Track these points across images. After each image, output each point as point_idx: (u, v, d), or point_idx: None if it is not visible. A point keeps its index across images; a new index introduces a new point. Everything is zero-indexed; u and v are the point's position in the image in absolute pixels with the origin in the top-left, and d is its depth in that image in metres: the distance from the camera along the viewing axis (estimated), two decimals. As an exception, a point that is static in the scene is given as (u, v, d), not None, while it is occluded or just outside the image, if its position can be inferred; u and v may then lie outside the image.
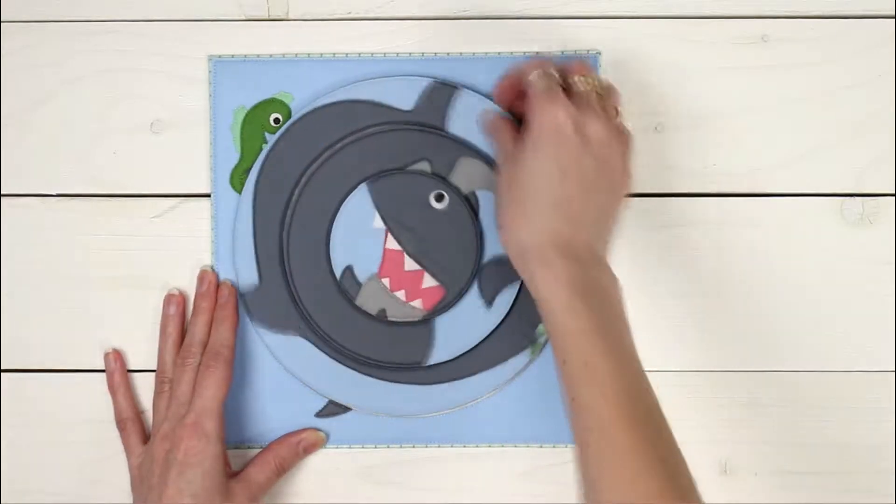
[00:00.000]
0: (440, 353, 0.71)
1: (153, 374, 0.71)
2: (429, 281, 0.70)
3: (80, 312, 0.72)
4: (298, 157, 0.71)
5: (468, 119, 0.71)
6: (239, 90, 0.72)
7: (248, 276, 0.71)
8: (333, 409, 0.72)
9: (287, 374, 0.71)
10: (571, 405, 0.60)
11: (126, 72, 0.72)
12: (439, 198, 0.70)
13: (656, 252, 0.72)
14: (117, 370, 0.71)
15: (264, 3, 0.72)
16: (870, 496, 0.71)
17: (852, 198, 0.72)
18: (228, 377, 0.68)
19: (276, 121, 0.72)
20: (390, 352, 0.71)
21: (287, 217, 0.71)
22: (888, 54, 0.72)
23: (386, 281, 0.70)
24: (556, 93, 0.64)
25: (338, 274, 0.70)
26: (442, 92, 0.71)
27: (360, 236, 0.70)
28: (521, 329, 0.71)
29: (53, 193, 0.72)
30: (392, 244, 0.70)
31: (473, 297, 0.71)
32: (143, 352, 0.72)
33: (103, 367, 0.72)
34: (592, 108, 0.64)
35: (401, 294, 0.70)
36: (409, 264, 0.70)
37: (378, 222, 0.70)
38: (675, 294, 0.72)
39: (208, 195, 0.72)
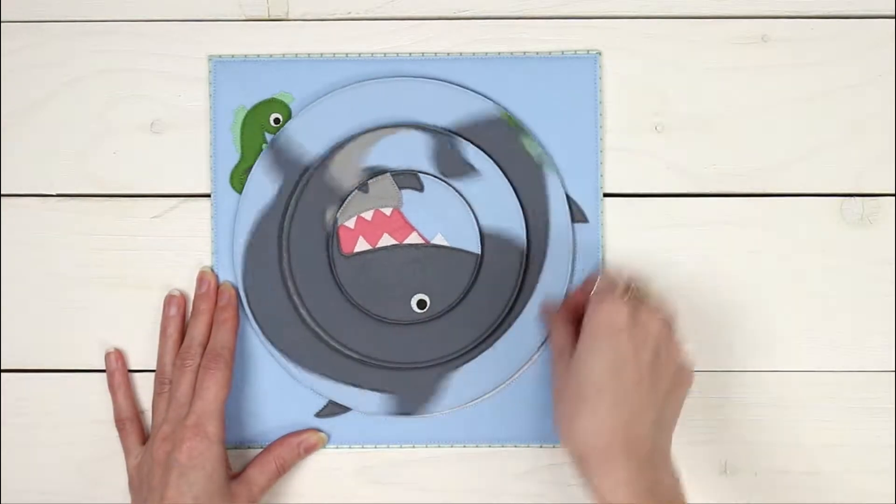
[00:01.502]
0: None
1: (153, 374, 0.71)
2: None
3: (80, 312, 0.72)
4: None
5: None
6: (239, 90, 0.72)
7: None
8: (333, 409, 0.72)
9: (287, 374, 0.71)
10: None
11: (126, 72, 0.72)
12: (421, 305, 0.71)
13: (656, 252, 0.72)
14: (118, 370, 0.71)
15: (264, 3, 0.72)
16: (870, 496, 0.71)
17: (852, 198, 0.72)
18: (229, 379, 0.68)
19: (276, 121, 0.72)
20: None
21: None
22: (888, 54, 0.72)
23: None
24: (612, 292, 0.64)
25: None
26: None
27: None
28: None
29: (53, 193, 0.72)
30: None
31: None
32: (142, 352, 0.72)
33: (103, 367, 0.72)
34: (646, 305, 0.65)
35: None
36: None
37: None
38: (675, 294, 0.72)
39: (208, 195, 0.72)
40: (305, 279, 0.71)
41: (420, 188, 0.71)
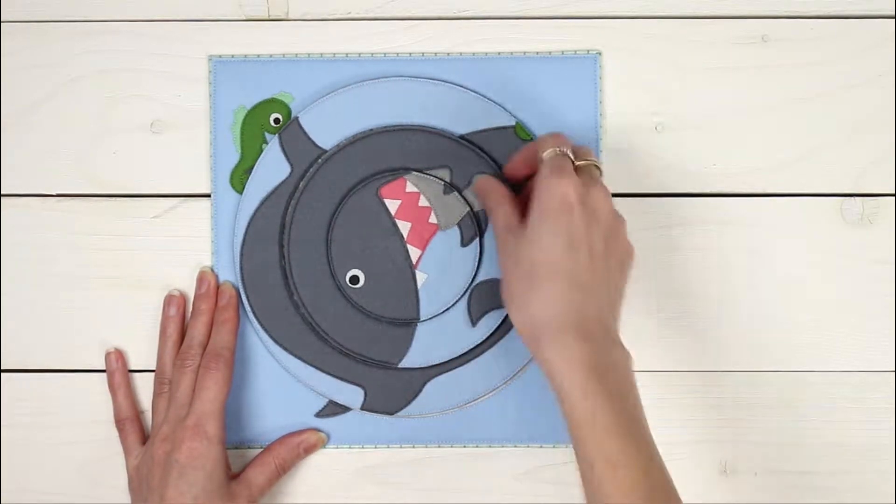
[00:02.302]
0: (415, 358, 0.71)
1: (153, 374, 0.71)
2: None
3: (80, 312, 0.72)
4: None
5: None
6: (239, 90, 0.72)
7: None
8: (333, 409, 0.72)
9: (287, 374, 0.71)
10: (586, 489, 0.60)
11: (126, 72, 0.72)
12: (354, 280, 0.70)
13: (656, 252, 0.72)
14: (118, 370, 0.71)
15: (264, 3, 0.72)
16: (870, 496, 0.71)
17: (852, 198, 0.72)
18: (229, 379, 0.68)
19: (277, 121, 0.72)
20: (370, 347, 0.71)
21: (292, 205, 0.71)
22: (888, 54, 0.72)
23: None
24: (565, 168, 0.64)
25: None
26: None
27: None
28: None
29: (53, 193, 0.72)
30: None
31: (460, 311, 0.71)
32: (142, 352, 0.72)
33: (103, 367, 0.72)
34: (598, 183, 0.64)
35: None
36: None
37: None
38: (675, 294, 0.72)
39: (208, 195, 0.72)
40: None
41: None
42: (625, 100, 0.72)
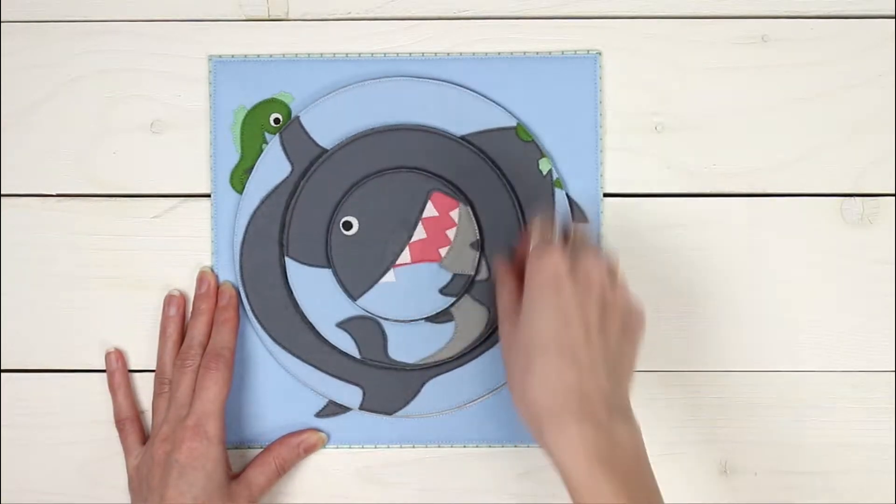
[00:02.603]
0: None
1: (153, 374, 0.71)
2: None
3: (80, 312, 0.72)
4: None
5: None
6: (239, 90, 0.72)
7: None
8: (333, 409, 0.72)
9: (287, 374, 0.71)
10: None
11: (126, 72, 0.72)
12: (347, 226, 0.70)
13: (656, 252, 0.72)
14: (118, 370, 0.71)
15: (264, 3, 0.72)
16: (870, 496, 0.71)
17: (852, 198, 0.72)
18: (229, 379, 0.68)
19: (277, 121, 0.72)
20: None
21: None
22: (888, 54, 0.72)
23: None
24: (549, 242, 0.63)
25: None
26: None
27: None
28: None
29: (53, 193, 0.72)
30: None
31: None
32: (142, 352, 0.72)
33: (103, 367, 0.72)
34: (588, 252, 0.63)
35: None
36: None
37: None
38: (675, 294, 0.72)
39: (208, 195, 0.72)
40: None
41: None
42: (625, 100, 0.72)
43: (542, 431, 0.59)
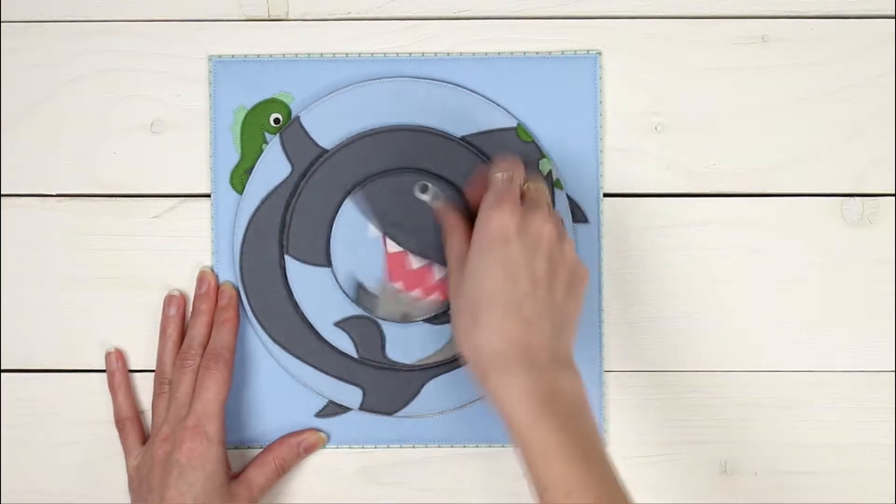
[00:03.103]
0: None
1: (153, 374, 0.71)
2: (439, 272, 0.70)
3: (80, 312, 0.72)
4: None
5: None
6: (239, 90, 0.72)
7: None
8: (333, 409, 0.72)
9: (287, 374, 0.71)
10: None
11: (126, 72, 0.72)
12: (423, 189, 0.70)
13: (656, 252, 0.72)
14: (118, 370, 0.71)
15: (264, 3, 0.72)
16: (870, 496, 0.71)
17: (852, 198, 0.72)
18: (229, 379, 0.68)
19: (276, 121, 0.72)
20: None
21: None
22: (888, 54, 0.72)
23: (398, 286, 0.70)
24: (505, 197, 0.63)
25: (350, 294, 0.70)
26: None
27: (359, 248, 0.70)
28: None
29: (53, 193, 0.72)
30: (393, 247, 0.70)
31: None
32: (142, 352, 0.72)
33: (103, 367, 0.72)
34: (539, 208, 0.63)
35: (416, 292, 0.70)
36: (416, 262, 0.70)
37: (373, 231, 0.70)
38: (675, 294, 0.72)
39: (208, 195, 0.72)
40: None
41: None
42: (625, 100, 0.72)
43: (487, 378, 0.61)
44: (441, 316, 0.71)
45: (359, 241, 0.70)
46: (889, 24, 0.72)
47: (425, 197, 0.69)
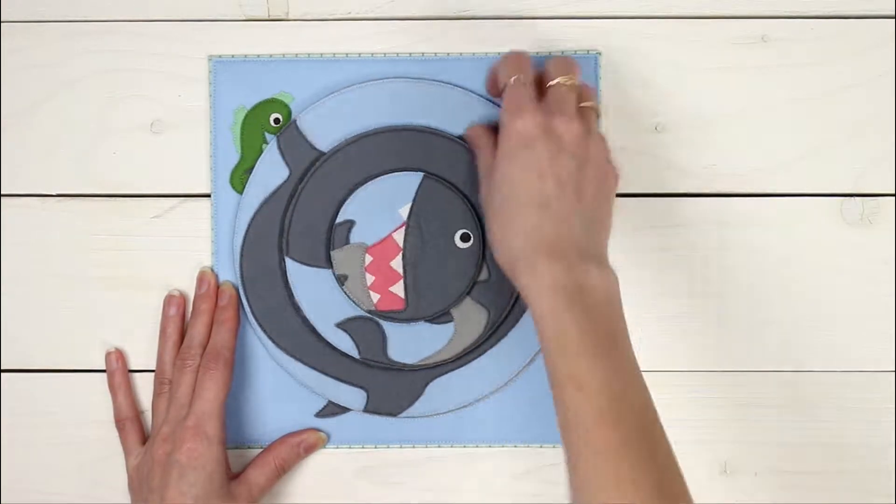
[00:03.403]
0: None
1: (153, 374, 0.71)
2: (398, 289, 0.70)
3: (80, 312, 0.72)
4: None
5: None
6: (239, 90, 0.72)
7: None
8: (333, 409, 0.72)
9: (287, 373, 0.71)
10: (557, 412, 0.59)
11: (126, 72, 0.72)
12: (465, 238, 0.70)
13: (656, 252, 0.72)
14: (118, 370, 0.71)
15: (264, 3, 0.72)
16: (870, 496, 0.71)
17: (852, 198, 0.72)
18: (229, 379, 0.68)
19: (277, 121, 0.72)
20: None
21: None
22: (888, 54, 0.72)
23: (368, 258, 0.70)
24: (522, 100, 0.64)
25: (338, 220, 0.70)
26: None
27: (378, 211, 0.70)
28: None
29: (53, 193, 0.72)
30: (398, 237, 0.70)
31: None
32: (142, 352, 0.72)
33: (103, 367, 0.72)
34: (562, 110, 0.64)
35: (370, 278, 0.70)
36: (396, 264, 0.70)
37: (404, 211, 0.70)
38: (675, 294, 0.72)
39: (208, 195, 0.72)
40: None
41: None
42: (625, 100, 0.72)
43: (517, 273, 0.62)
44: (443, 315, 0.71)
45: (385, 205, 0.70)
46: (889, 24, 0.72)
47: (463, 245, 0.70)
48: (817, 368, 0.72)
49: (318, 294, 0.71)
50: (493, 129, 0.69)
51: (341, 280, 0.70)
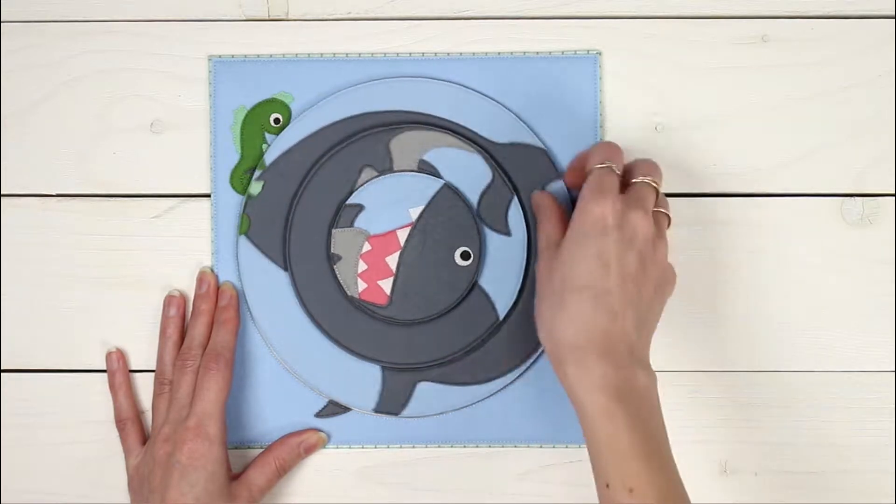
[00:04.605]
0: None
1: (153, 374, 0.71)
2: (385, 285, 0.70)
3: (80, 312, 0.72)
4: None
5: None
6: (239, 90, 0.72)
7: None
8: (333, 409, 0.72)
9: (287, 374, 0.71)
10: None
11: (126, 72, 0.72)
12: (465, 255, 0.70)
13: (656, 252, 0.72)
14: (119, 370, 0.71)
15: (264, 3, 0.72)
16: (870, 496, 0.72)
17: (852, 198, 0.72)
18: (229, 380, 0.68)
19: (277, 121, 0.72)
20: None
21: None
22: (888, 54, 0.72)
23: (367, 246, 0.70)
24: (607, 186, 0.64)
25: (348, 202, 0.70)
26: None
27: (389, 205, 0.70)
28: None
29: (53, 193, 0.72)
30: (402, 236, 0.70)
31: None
32: (143, 352, 0.72)
33: (104, 367, 0.72)
34: (641, 206, 0.64)
35: (362, 265, 0.70)
36: (392, 260, 0.70)
37: (415, 212, 0.70)
38: (675, 294, 0.72)
39: (208, 195, 0.72)
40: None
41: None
42: (625, 100, 0.72)
43: (564, 365, 0.61)
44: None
45: (398, 200, 0.70)
46: (889, 24, 0.72)
47: (463, 263, 0.70)
48: (817, 368, 0.72)
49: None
50: (559, 206, 0.69)
51: (334, 258, 0.70)
